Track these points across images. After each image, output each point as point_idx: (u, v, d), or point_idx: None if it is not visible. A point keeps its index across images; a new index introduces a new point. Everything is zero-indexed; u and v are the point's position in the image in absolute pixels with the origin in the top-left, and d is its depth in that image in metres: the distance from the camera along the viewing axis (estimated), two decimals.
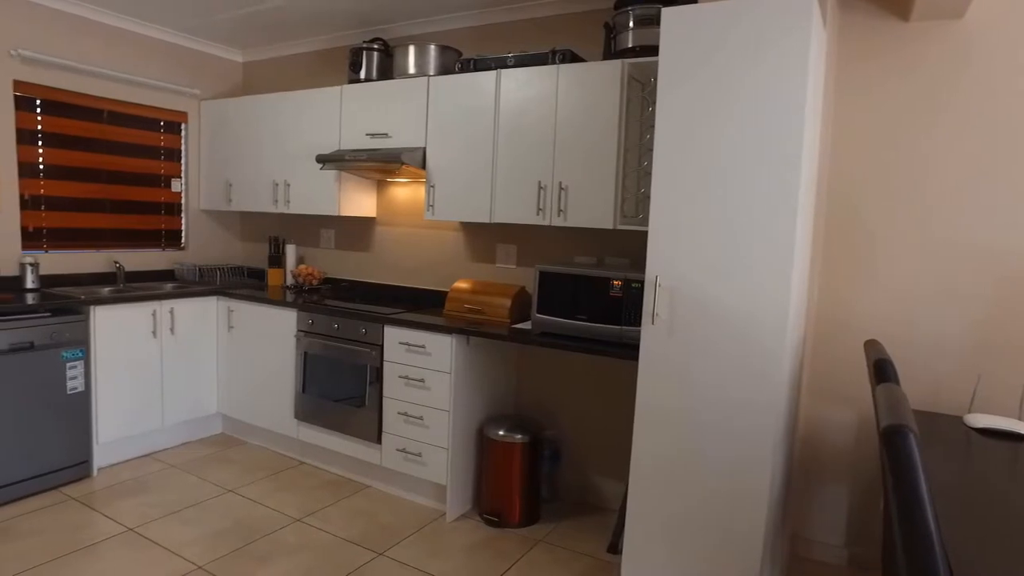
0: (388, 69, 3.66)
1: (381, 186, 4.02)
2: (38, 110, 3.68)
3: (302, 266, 4.17)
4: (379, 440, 3.30)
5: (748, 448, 2.19)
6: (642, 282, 2.65)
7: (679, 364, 2.30)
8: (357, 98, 3.61)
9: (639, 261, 3.13)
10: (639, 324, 2.65)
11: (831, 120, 2.75)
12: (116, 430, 3.53)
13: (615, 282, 2.72)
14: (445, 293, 3.73)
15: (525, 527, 3.07)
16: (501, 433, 3.04)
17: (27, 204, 3.66)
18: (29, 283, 3.55)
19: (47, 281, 3.73)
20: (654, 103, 2.73)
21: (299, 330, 3.60)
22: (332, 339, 3.46)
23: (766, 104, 2.11)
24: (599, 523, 3.15)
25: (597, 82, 2.86)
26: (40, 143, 3.71)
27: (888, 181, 2.67)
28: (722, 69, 2.18)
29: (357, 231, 4.18)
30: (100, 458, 3.49)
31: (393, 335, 3.21)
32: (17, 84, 3.56)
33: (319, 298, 3.80)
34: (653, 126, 2.74)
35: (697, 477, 2.29)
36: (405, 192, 3.93)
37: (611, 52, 2.96)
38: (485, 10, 3.55)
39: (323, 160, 3.55)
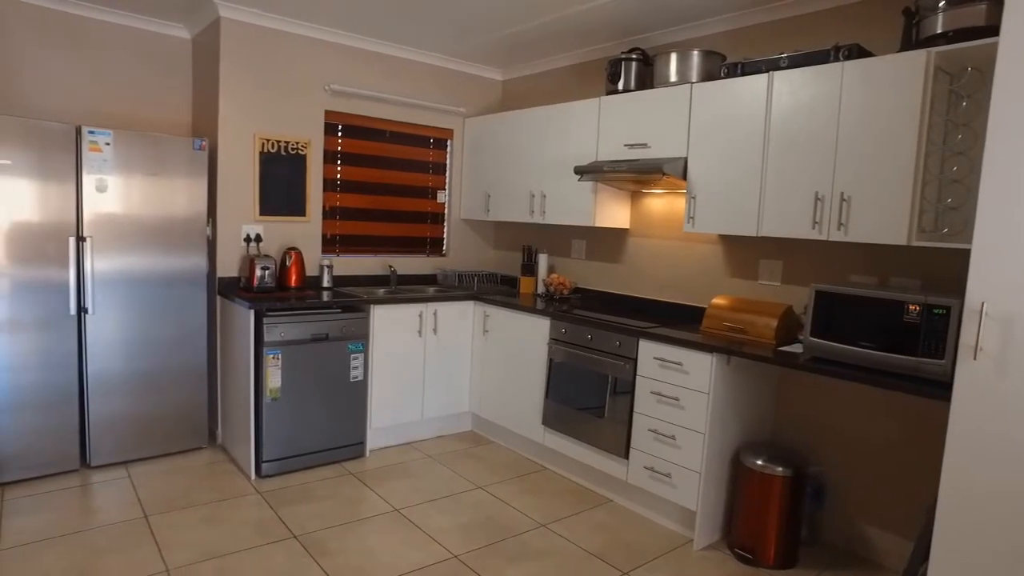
0: (647, 78, 3.61)
1: (635, 197, 3.97)
2: (339, 134, 4.28)
3: (554, 275, 4.28)
4: (626, 455, 3.24)
5: None
6: (948, 308, 2.26)
7: (1016, 414, 1.91)
8: (615, 109, 3.61)
9: (934, 282, 2.69)
10: (941, 357, 2.26)
11: None
12: (385, 417, 3.93)
13: (911, 307, 2.35)
14: (698, 309, 3.57)
15: (781, 569, 2.79)
16: (760, 463, 2.80)
17: (327, 214, 4.26)
18: (325, 282, 4.11)
19: (337, 281, 4.28)
20: (968, 97, 2.33)
21: (551, 338, 3.68)
22: (583, 349, 3.48)
23: None
24: None
25: (891, 78, 2.50)
26: (339, 162, 4.30)
27: None
28: None
29: (609, 242, 4.18)
30: (372, 441, 3.92)
31: (648, 350, 3.13)
32: (327, 114, 4.18)
33: (569, 307, 3.86)
34: (965, 124, 2.34)
35: None
36: (660, 203, 3.83)
37: (912, 41, 2.59)
38: (747, 11, 3.33)
39: (581, 171, 3.60)
